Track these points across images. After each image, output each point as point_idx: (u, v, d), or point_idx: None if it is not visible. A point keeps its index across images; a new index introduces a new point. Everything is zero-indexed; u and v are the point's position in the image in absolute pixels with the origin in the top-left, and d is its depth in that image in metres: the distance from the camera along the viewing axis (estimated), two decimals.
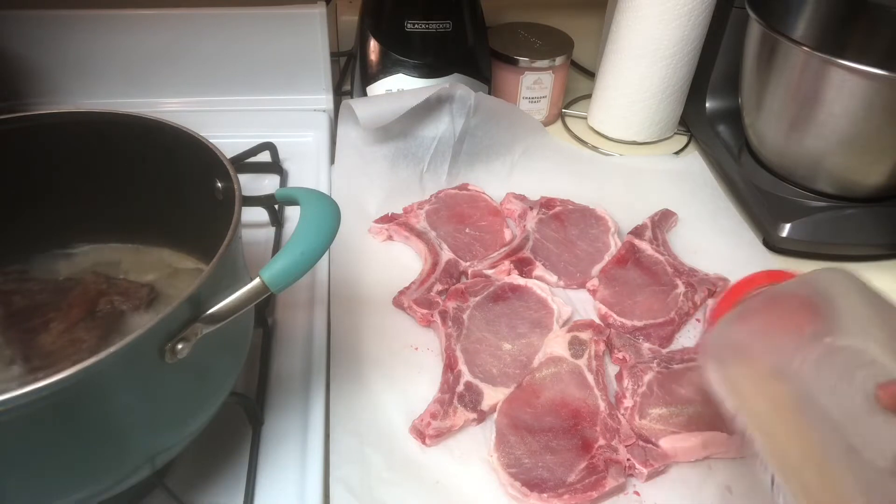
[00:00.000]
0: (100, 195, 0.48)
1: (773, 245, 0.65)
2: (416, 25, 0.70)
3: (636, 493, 0.46)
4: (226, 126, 0.72)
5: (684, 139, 0.82)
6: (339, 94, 0.83)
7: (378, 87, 0.72)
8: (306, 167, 0.71)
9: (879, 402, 0.30)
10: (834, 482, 0.31)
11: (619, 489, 0.45)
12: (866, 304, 0.34)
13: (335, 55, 0.82)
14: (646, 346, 0.54)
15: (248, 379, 0.49)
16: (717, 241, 0.66)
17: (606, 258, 0.62)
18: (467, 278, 0.60)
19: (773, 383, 0.34)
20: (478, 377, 0.51)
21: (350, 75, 0.83)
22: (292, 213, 0.65)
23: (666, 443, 0.47)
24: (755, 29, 0.65)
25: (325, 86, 0.78)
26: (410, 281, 0.59)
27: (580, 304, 0.59)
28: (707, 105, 0.78)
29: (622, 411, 0.49)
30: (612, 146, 0.80)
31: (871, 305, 0.34)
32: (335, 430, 0.47)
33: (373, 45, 0.72)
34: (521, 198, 0.68)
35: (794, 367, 0.33)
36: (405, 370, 0.53)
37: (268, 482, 0.44)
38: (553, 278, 0.60)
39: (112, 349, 0.29)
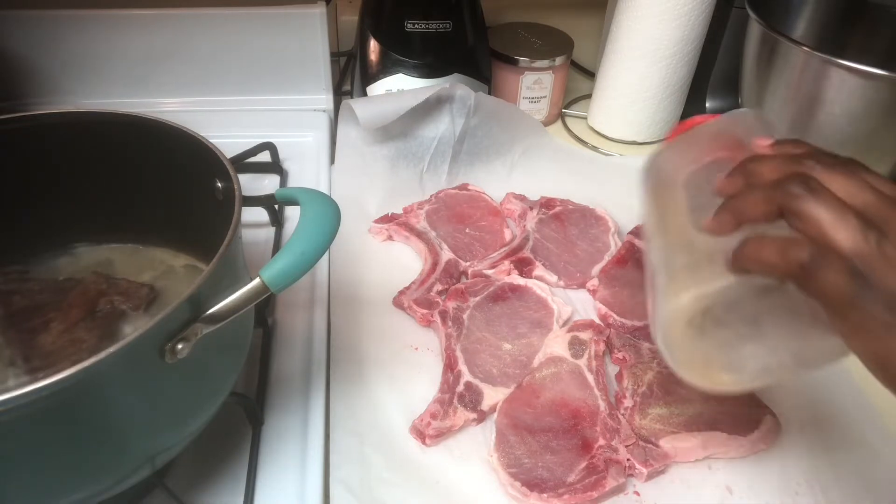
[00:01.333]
0: (100, 195, 0.48)
1: None
2: (416, 25, 0.70)
3: (636, 493, 0.46)
4: (226, 126, 0.72)
5: None
6: (339, 94, 0.83)
7: (378, 87, 0.72)
8: (306, 167, 0.71)
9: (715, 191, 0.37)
10: (669, 254, 0.39)
11: (619, 489, 0.45)
12: (758, 132, 0.40)
13: (335, 55, 0.82)
14: (646, 346, 0.54)
15: (248, 379, 0.49)
16: None
17: (606, 258, 0.62)
18: (467, 278, 0.60)
19: (667, 193, 0.41)
20: (478, 377, 0.51)
21: (350, 75, 0.83)
22: (292, 213, 0.65)
23: (666, 443, 0.47)
24: (755, 29, 0.65)
25: (325, 86, 0.78)
26: (410, 281, 0.59)
27: (580, 304, 0.59)
28: (707, 105, 0.78)
29: (622, 411, 0.49)
30: (612, 146, 0.80)
31: (762, 131, 0.40)
32: (335, 430, 0.47)
33: (373, 45, 0.72)
34: (521, 198, 0.68)
35: (682, 180, 0.41)
36: (405, 370, 0.52)
37: (268, 482, 0.44)
38: (553, 278, 0.60)
39: (112, 349, 0.29)
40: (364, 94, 0.73)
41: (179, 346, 0.32)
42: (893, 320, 0.29)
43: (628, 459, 0.46)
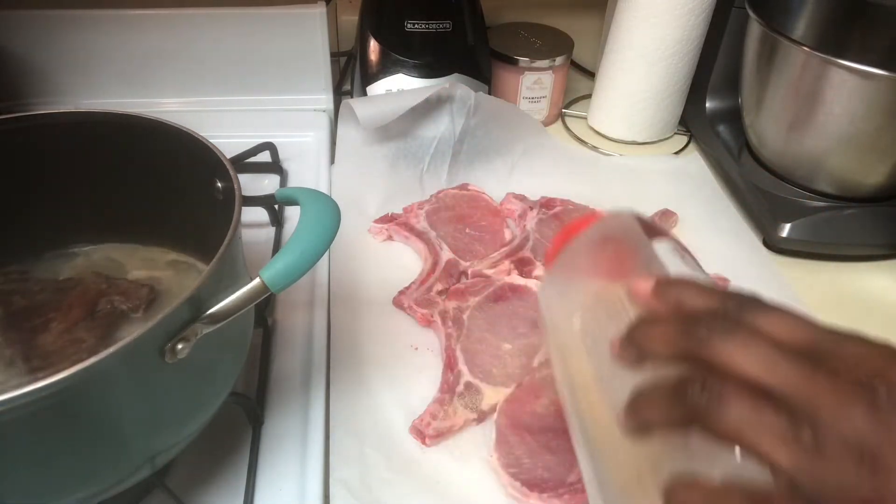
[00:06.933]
0: (100, 195, 0.48)
1: (773, 245, 0.65)
2: (416, 25, 0.70)
3: None
4: (226, 126, 0.72)
5: (684, 139, 0.82)
6: (339, 94, 0.83)
7: (378, 87, 0.72)
8: (306, 167, 0.71)
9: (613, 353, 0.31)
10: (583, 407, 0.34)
11: None
12: (639, 249, 0.35)
13: (335, 55, 0.82)
14: None
15: (248, 379, 0.49)
16: (717, 241, 0.66)
17: None
18: (467, 278, 0.60)
19: (565, 340, 0.36)
20: (478, 377, 0.51)
21: (350, 75, 0.83)
22: (292, 213, 0.65)
23: None
24: (755, 29, 0.65)
25: (325, 86, 0.78)
26: (410, 281, 0.59)
27: None
28: (707, 105, 0.78)
29: None
30: (613, 146, 0.80)
31: (643, 250, 0.35)
32: (335, 430, 0.47)
33: (373, 45, 0.72)
34: (521, 198, 0.68)
35: (576, 325, 0.35)
36: (405, 370, 0.52)
37: (268, 482, 0.44)
38: None
39: (112, 349, 0.29)
40: (364, 94, 0.73)
41: (179, 347, 0.32)
42: None
43: None
